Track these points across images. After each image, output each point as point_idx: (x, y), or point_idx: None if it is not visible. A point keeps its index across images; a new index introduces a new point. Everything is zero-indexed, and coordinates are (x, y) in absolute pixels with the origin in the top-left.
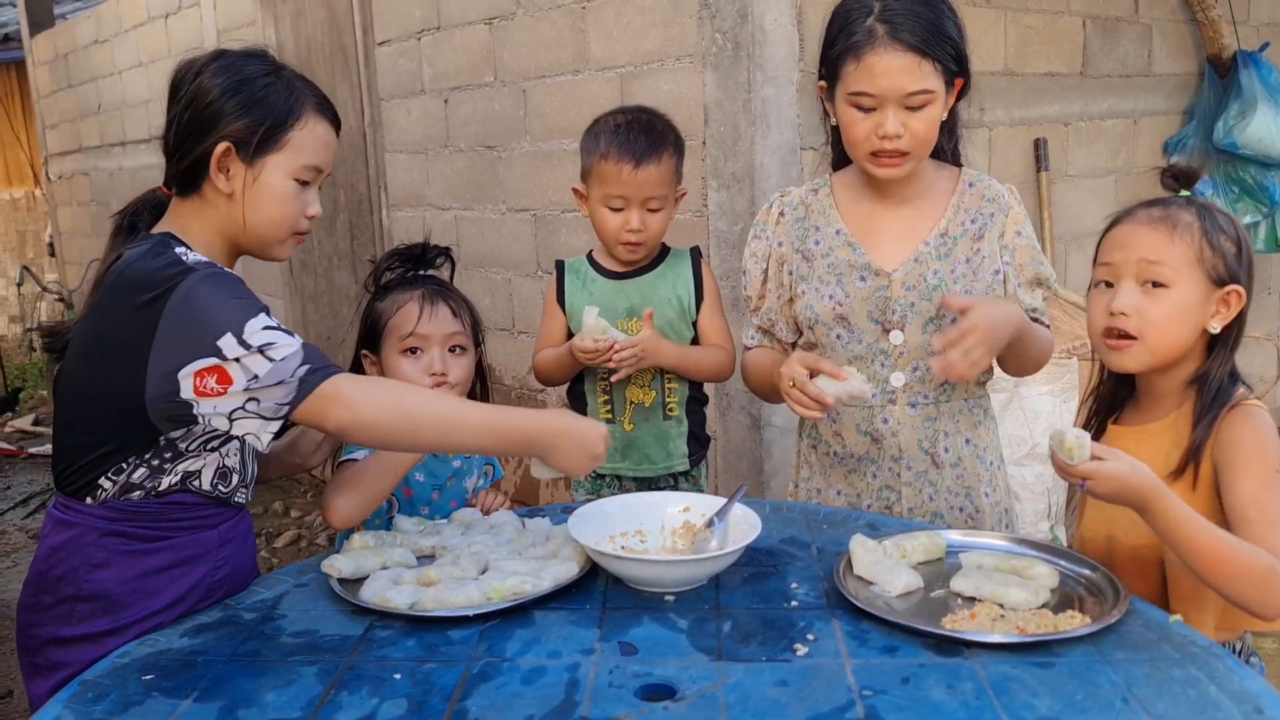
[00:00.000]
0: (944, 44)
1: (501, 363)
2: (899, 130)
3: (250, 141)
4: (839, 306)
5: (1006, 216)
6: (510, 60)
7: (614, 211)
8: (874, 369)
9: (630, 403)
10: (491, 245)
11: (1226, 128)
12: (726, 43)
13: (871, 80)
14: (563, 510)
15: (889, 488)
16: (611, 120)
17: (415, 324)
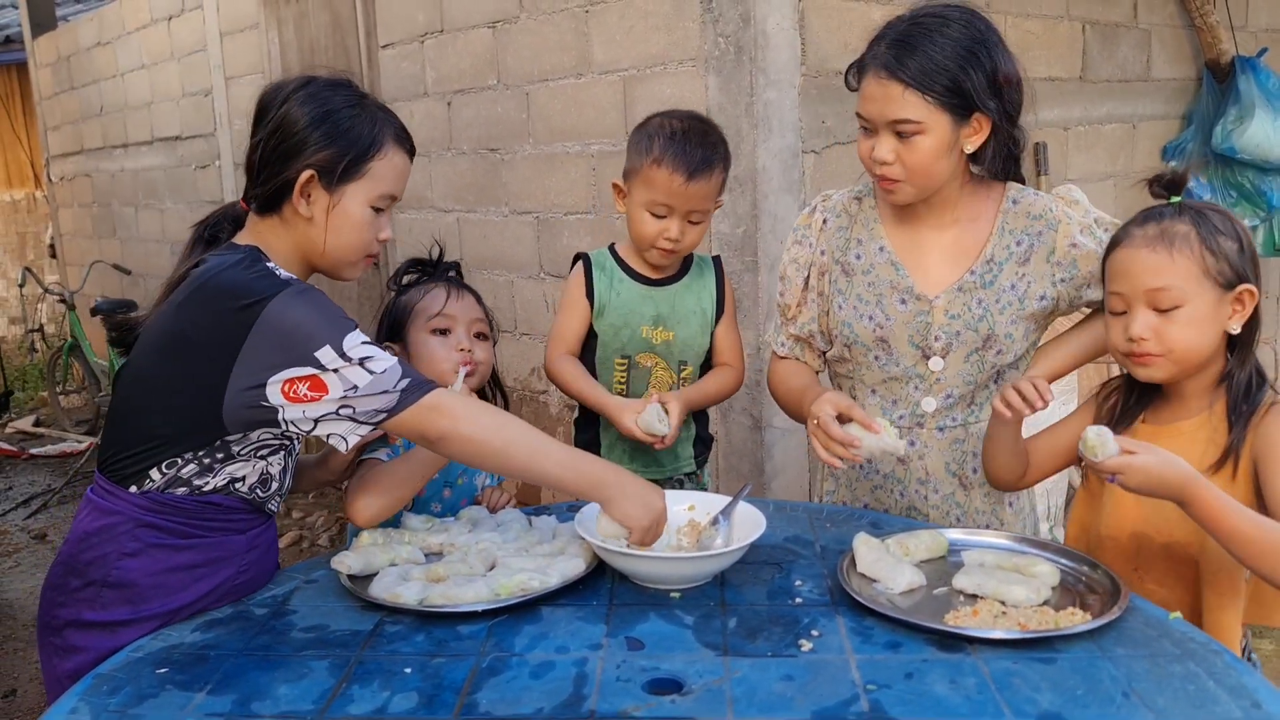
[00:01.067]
0: (938, 76)
1: (504, 364)
2: (887, 157)
3: (334, 171)
4: (879, 329)
5: (1056, 232)
6: (513, 63)
7: (655, 218)
8: (907, 391)
9: None
10: (494, 247)
11: (1225, 132)
12: (729, 46)
13: (863, 104)
14: (568, 509)
15: (915, 509)
16: (668, 125)
17: (444, 304)
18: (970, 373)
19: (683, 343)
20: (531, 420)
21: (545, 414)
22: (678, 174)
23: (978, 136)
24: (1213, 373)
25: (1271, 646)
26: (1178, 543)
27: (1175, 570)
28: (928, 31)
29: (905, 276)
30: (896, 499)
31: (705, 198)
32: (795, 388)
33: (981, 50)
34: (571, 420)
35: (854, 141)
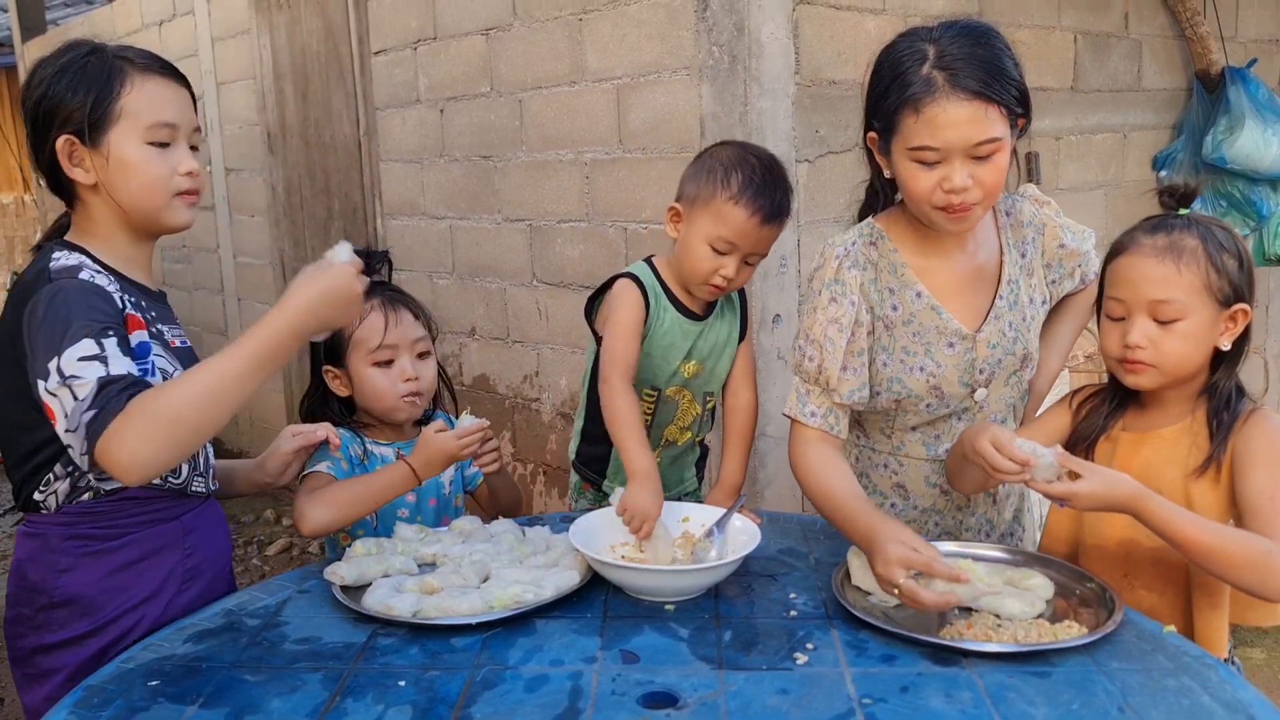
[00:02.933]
0: (1007, 85)
1: (496, 372)
2: (966, 183)
3: (83, 125)
4: (932, 379)
5: (1044, 236)
6: (506, 71)
7: (716, 253)
8: (950, 424)
9: (667, 440)
10: (486, 255)
11: (1215, 143)
12: (723, 55)
13: (934, 134)
14: (562, 519)
15: (949, 533)
16: (749, 160)
17: (384, 334)
18: (1009, 395)
19: (710, 375)
20: (524, 429)
21: (537, 421)
22: (756, 216)
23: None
24: (1196, 384)
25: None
26: (1166, 547)
27: (1165, 575)
28: (970, 48)
29: (949, 320)
30: (932, 529)
31: (771, 242)
32: (836, 494)
33: (1011, 56)
34: (566, 428)
35: (846, 151)
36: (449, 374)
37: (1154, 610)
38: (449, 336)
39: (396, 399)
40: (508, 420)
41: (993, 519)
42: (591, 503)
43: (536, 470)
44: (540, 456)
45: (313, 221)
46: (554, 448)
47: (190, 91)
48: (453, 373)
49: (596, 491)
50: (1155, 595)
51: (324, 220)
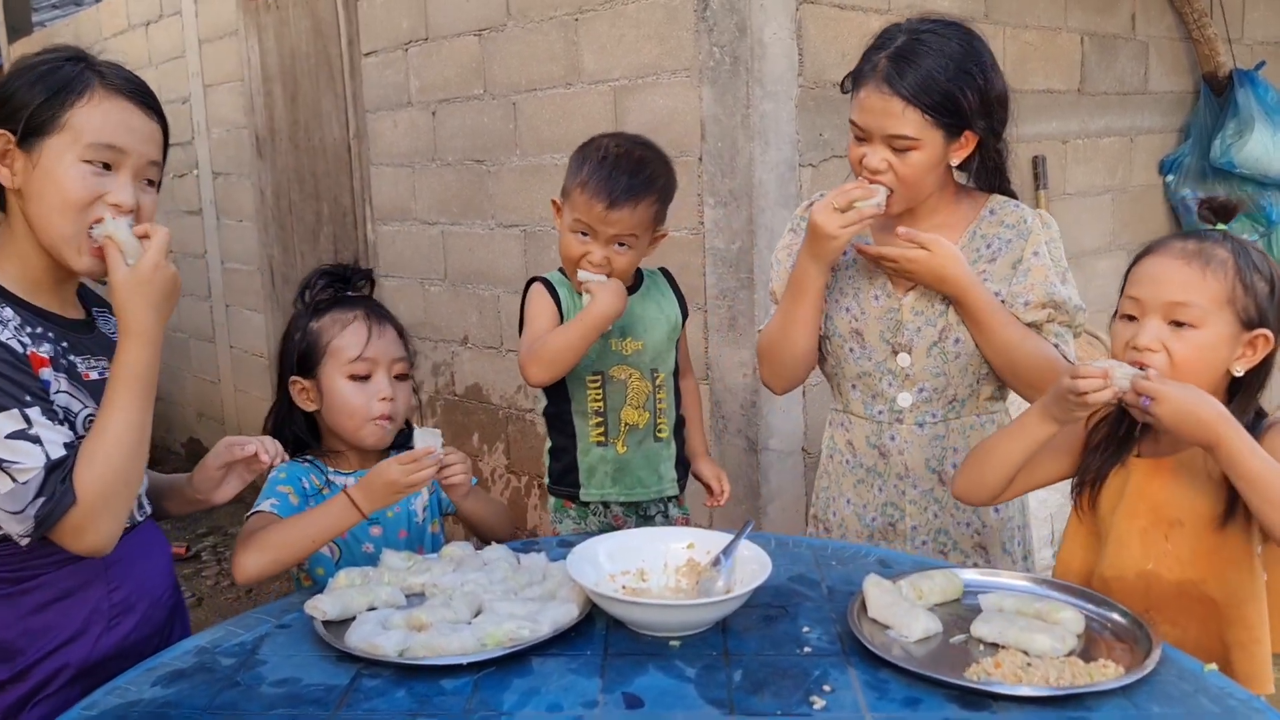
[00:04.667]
0: (937, 97)
1: (489, 382)
2: (880, 166)
3: (18, 124)
4: (854, 321)
5: (1026, 241)
6: (500, 72)
7: (581, 241)
8: (881, 387)
9: (625, 424)
10: (479, 261)
11: (1224, 146)
12: (725, 56)
13: (859, 113)
14: (559, 544)
15: (893, 505)
16: (603, 146)
17: (365, 346)
18: (935, 366)
19: (653, 350)
20: (518, 441)
21: (532, 433)
22: (598, 200)
23: (964, 151)
24: None
25: None
26: (1189, 580)
27: (1189, 609)
28: (929, 49)
29: (880, 275)
30: (875, 494)
31: (631, 226)
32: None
33: (977, 69)
34: None
35: None
36: (439, 385)
37: (1178, 645)
38: (440, 345)
39: (367, 419)
40: (501, 432)
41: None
42: (575, 521)
43: (531, 484)
44: (535, 469)
45: (302, 226)
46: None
47: (164, 127)
48: (444, 383)
49: (579, 507)
50: (1179, 630)
51: (313, 225)
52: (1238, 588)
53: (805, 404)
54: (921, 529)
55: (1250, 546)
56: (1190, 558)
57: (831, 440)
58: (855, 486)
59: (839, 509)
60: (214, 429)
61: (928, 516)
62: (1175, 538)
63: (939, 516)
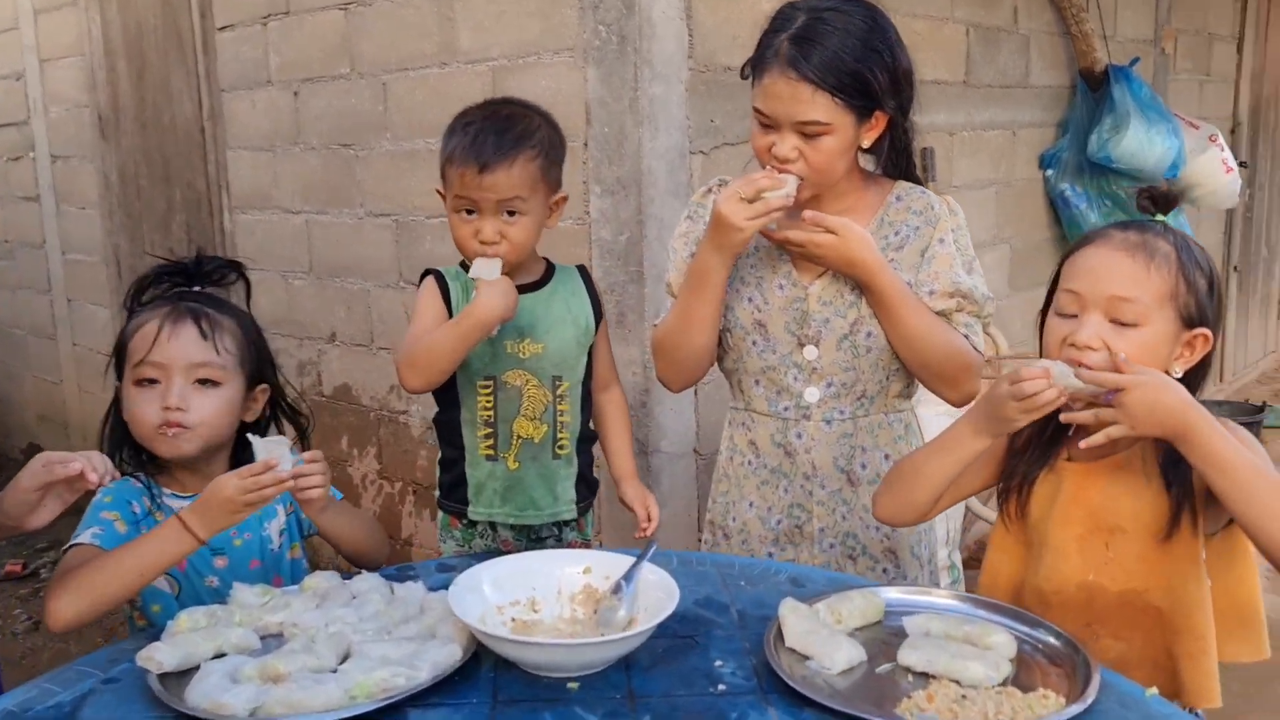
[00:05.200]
0: (846, 78)
1: (359, 382)
2: (790, 155)
3: None
4: (757, 313)
5: (934, 229)
6: (368, 50)
7: (466, 219)
8: (786, 382)
9: (518, 437)
10: (348, 253)
11: (1101, 141)
12: (611, 36)
13: (765, 101)
14: (438, 568)
15: (800, 506)
16: (467, 114)
17: (149, 349)
18: (845, 360)
19: (556, 355)
20: (390, 444)
21: (405, 436)
22: (468, 167)
23: (874, 132)
24: None
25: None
26: (1134, 590)
27: (1134, 620)
28: (833, 28)
29: (785, 262)
30: (781, 496)
31: (512, 188)
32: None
33: (884, 46)
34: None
35: (743, 142)
36: (304, 385)
37: (1123, 660)
38: (306, 343)
39: (152, 429)
40: (372, 435)
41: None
42: (459, 543)
43: (405, 490)
44: (409, 474)
45: (151, 213)
46: (424, 464)
47: None
48: (310, 383)
49: (465, 528)
50: (1123, 644)
51: (164, 212)
52: (1184, 596)
53: (698, 403)
54: (829, 531)
55: (1196, 552)
56: (1134, 566)
57: (731, 441)
58: (759, 489)
59: (740, 513)
60: (56, 433)
61: (836, 519)
62: (1117, 545)
63: (847, 519)
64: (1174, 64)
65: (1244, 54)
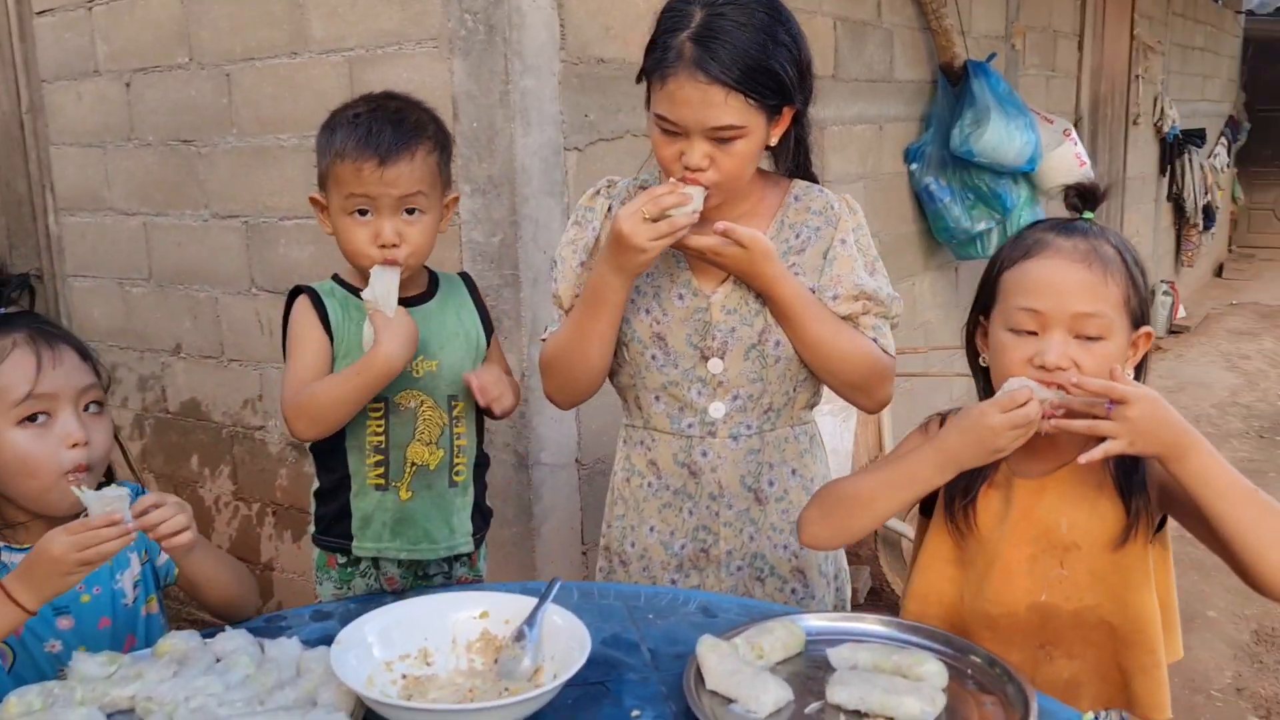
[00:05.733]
0: (760, 77)
1: (210, 397)
2: (702, 164)
3: None
4: (656, 325)
5: (835, 229)
6: (209, 38)
7: (361, 221)
8: (690, 398)
9: (412, 464)
10: (192, 258)
11: (963, 135)
12: (478, 25)
13: (672, 108)
14: (313, 616)
15: (706, 528)
16: (351, 110)
17: (35, 380)
18: (753, 371)
19: (451, 373)
20: (246, 463)
21: (263, 453)
22: (367, 161)
23: (781, 129)
24: None
25: None
26: (1087, 607)
27: (1087, 637)
28: (735, 23)
29: (685, 270)
30: (685, 518)
31: (415, 182)
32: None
33: (788, 37)
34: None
35: (619, 138)
36: (147, 401)
37: (1075, 679)
38: (147, 355)
39: (57, 474)
40: (226, 454)
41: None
42: (336, 584)
43: (264, 511)
44: (268, 495)
45: None
46: (284, 484)
47: None
48: (153, 399)
49: (344, 567)
50: (1077, 661)
51: None
52: (1136, 608)
53: (579, 412)
54: (736, 554)
55: (1146, 562)
56: (1087, 582)
57: (628, 461)
58: (661, 511)
59: (640, 538)
60: None
61: (743, 539)
62: (1071, 563)
63: (755, 539)
64: (1023, 60)
65: (1084, 51)
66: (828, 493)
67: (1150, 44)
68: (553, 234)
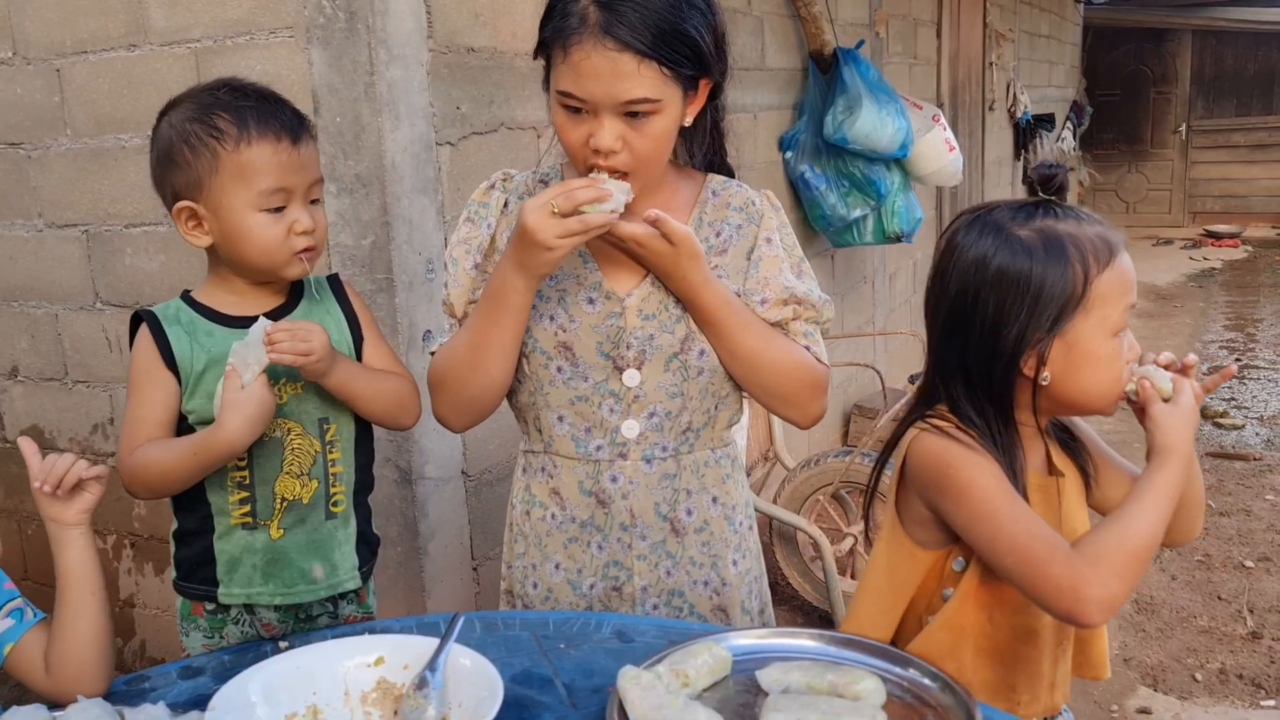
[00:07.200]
0: (675, 43)
1: (53, 423)
2: (614, 145)
3: None
4: (562, 333)
5: (758, 227)
6: (35, 29)
7: (272, 214)
8: (601, 414)
9: (282, 500)
10: (26, 271)
11: (836, 123)
12: (338, 12)
13: (577, 81)
14: (181, 674)
15: (617, 563)
16: (210, 96)
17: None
18: (673, 384)
19: (321, 392)
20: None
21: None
22: (281, 141)
23: (697, 106)
24: None
25: None
26: None
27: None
28: None
29: (594, 271)
30: (594, 554)
31: (317, 164)
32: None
33: (702, 3)
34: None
35: (493, 131)
36: None
37: None
38: None
39: None
40: None
41: (673, 551)
42: (206, 635)
43: (121, 544)
44: (124, 525)
45: None
46: (142, 513)
47: None
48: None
49: (213, 614)
50: None
51: None
52: None
53: None
54: (652, 590)
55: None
56: None
57: (528, 492)
58: (566, 547)
59: (544, 578)
60: None
61: (659, 574)
62: None
63: (672, 574)
64: (887, 47)
65: (942, 39)
66: (1118, 554)
67: (1002, 31)
68: (427, 234)
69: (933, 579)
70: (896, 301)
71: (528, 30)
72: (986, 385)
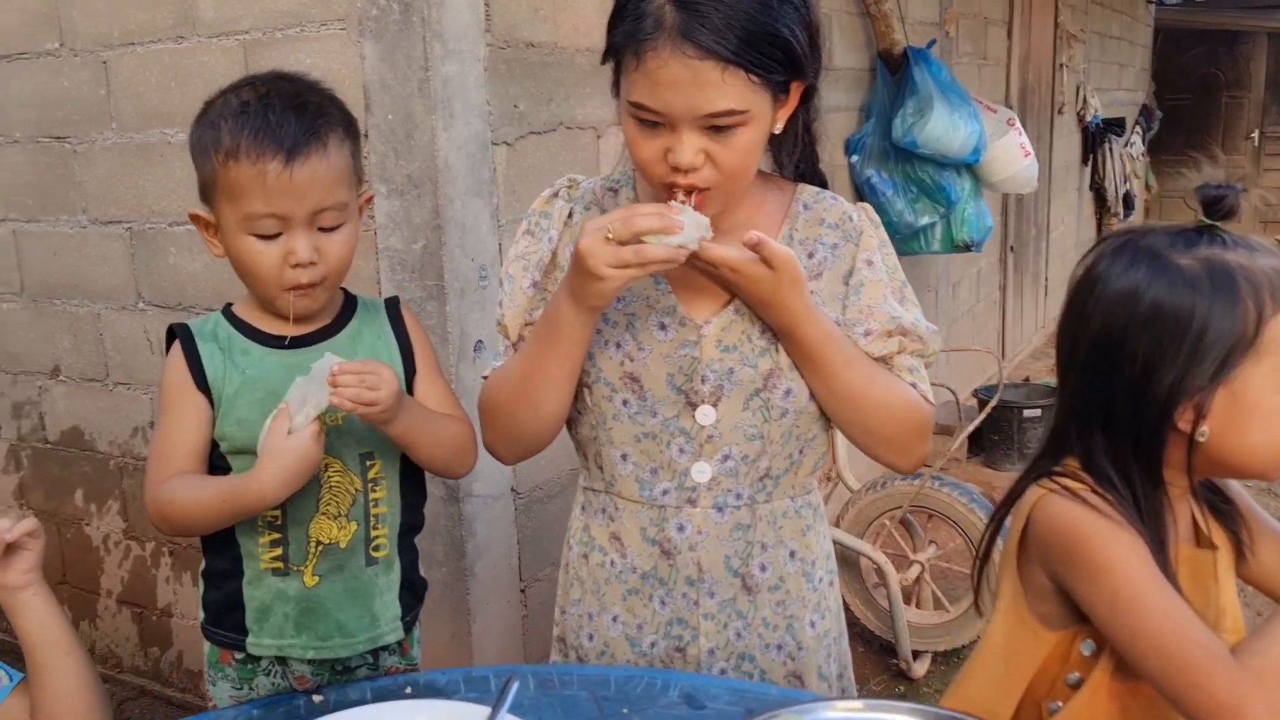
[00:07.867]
0: (764, 46)
1: (94, 425)
2: (694, 161)
3: None
4: (628, 362)
5: (856, 246)
6: (82, 21)
7: (265, 240)
8: (669, 455)
9: (318, 543)
10: (70, 269)
11: (905, 126)
12: (392, 4)
13: (653, 92)
14: None
15: (682, 621)
16: (234, 98)
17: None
18: (753, 425)
19: (364, 425)
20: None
21: None
22: (269, 160)
23: (787, 112)
24: None
25: None
26: None
27: None
28: None
29: (667, 293)
30: (656, 609)
31: (329, 186)
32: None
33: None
34: None
35: (552, 130)
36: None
37: None
38: (21, 379)
39: None
40: (114, 488)
41: (744, 610)
42: (235, 685)
43: (159, 552)
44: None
45: None
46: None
47: None
48: (30, 427)
49: (242, 664)
50: None
51: None
52: None
53: None
54: (720, 653)
55: None
56: None
57: (586, 533)
58: (626, 599)
59: (601, 630)
60: None
61: (728, 636)
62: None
63: (743, 637)
64: (956, 47)
65: (1013, 39)
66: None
67: (1073, 32)
68: (481, 238)
69: (1055, 661)
70: (960, 311)
71: (590, 25)
72: (1132, 440)
